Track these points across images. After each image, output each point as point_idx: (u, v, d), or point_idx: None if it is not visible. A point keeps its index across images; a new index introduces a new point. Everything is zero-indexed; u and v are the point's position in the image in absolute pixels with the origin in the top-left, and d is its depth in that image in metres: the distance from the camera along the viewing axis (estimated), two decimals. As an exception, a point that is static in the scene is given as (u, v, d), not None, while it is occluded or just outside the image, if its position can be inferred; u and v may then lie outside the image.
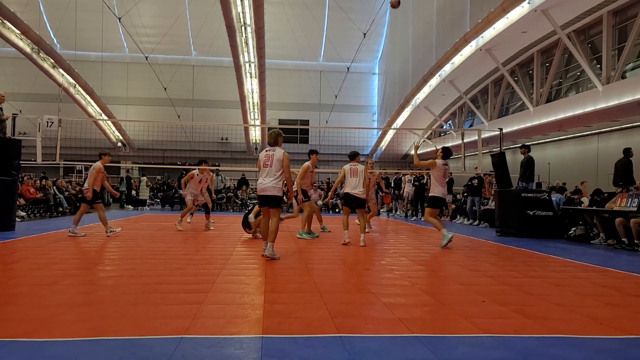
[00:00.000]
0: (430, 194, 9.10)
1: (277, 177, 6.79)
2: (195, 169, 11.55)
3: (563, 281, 5.61)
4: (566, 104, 18.59)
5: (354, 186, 8.84)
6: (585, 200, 12.26)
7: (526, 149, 12.20)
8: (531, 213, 11.15)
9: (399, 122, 31.90)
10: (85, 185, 9.58)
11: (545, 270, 6.40)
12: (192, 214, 12.94)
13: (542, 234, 10.93)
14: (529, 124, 20.83)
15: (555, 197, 12.05)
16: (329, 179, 27.70)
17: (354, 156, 9.26)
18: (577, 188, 13.63)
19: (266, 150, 6.96)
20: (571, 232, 10.72)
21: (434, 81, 26.21)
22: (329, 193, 14.62)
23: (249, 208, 9.86)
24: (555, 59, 20.07)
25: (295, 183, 9.44)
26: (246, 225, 9.48)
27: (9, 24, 24.89)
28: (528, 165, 11.98)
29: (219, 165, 31.25)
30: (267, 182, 6.74)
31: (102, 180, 9.73)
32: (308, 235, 9.79)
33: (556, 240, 10.57)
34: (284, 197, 7.86)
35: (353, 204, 8.91)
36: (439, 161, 8.79)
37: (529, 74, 22.77)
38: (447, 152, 9.04)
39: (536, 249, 8.81)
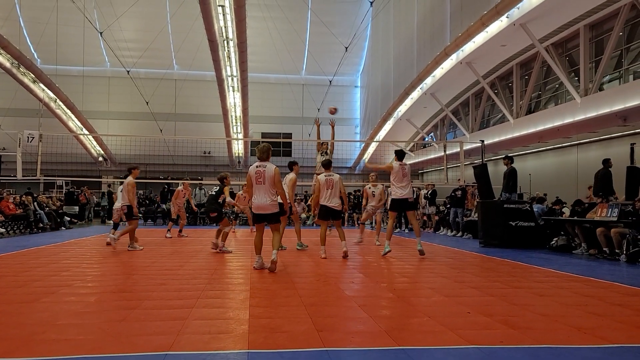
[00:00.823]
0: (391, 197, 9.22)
1: (273, 194, 6.80)
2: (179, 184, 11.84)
3: (547, 291, 5.66)
4: (545, 115, 18.90)
5: (330, 198, 8.68)
6: (567, 211, 12.43)
7: (509, 160, 12.35)
8: (513, 224, 11.25)
9: (381, 134, 32.11)
10: (123, 202, 9.94)
11: (529, 281, 6.46)
12: (169, 229, 13.78)
13: (524, 245, 11.03)
14: (509, 136, 21.12)
15: (536, 207, 12.19)
16: (306, 192, 27.69)
17: (327, 165, 9.17)
18: (558, 199, 13.82)
19: (257, 166, 6.83)
20: (553, 242, 10.84)
21: (415, 94, 26.47)
22: (312, 208, 13.80)
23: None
24: (534, 72, 20.44)
25: (288, 197, 9.18)
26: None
27: (-13, 38, 24.58)
28: (511, 176, 12.12)
29: (202, 179, 31.12)
30: (265, 201, 6.74)
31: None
32: (301, 246, 9.89)
33: (539, 250, 10.68)
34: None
35: (329, 216, 8.79)
36: (395, 163, 8.95)
37: (508, 86, 23.13)
38: (400, 154, 9.21)
39: (519, 259, 8.89)
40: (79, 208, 21.46)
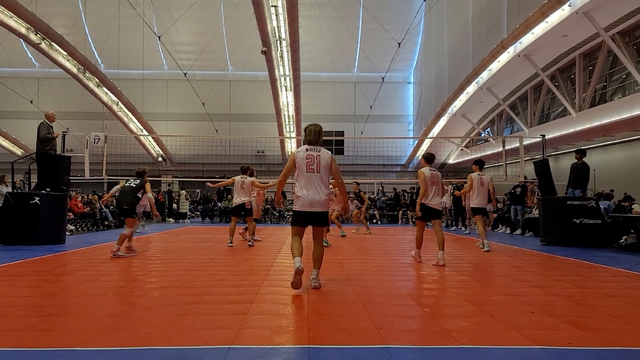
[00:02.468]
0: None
1: (328, 188, 5.39)
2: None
3: (616, 292, 5.40)
4: (612, 108, 17.99)
5: (433, 196, 7.57)
6: (637, 207, 11.79)
7: (582, 154, 11.69)
8: (578, 221, 10.79)
9: (435, 131, 31.55)
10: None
11: (597, 281, 6.18)
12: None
13: (590, 243, 10.55)
14: (571, 130, 20.26)
15: (603, 204, 11.63)
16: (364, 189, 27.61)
17: (430, 159, 7.86)
18: (626, 195, 13.13)
19: (307, 150, 5.36)
20: (622, 240, 10.30)
21: (471, 89, 25.85)
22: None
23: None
24: (599, 62, 19.49)
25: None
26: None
27: (56, 46, 26.00)
28: (584, 172, 11.49)
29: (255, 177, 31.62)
30: (319, 196, 5.27)
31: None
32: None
33: (605, 249, 10.18)
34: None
35: (431, 217, 7.70)
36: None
37: (570, 78, 22.17)
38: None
39: (585, 258, 8.52)
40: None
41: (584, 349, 3.32)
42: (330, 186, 5.65)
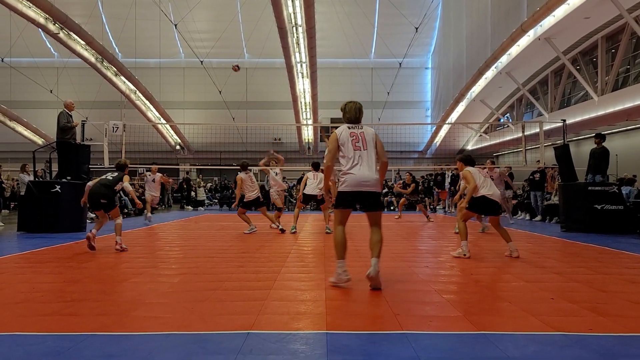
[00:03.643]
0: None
1: (377, 166, 4.86)
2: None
3: (639, 278, 5.31)
4: (635, 91, 17.58)
5: (490, 186, 7.21)
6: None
7: (601, 138, 11.49)
8: (599, 207, 10.62)
9: (453, 116, 31.21)
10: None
11: (619, 267, 6.09)
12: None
13: (611, 229, 10.40)
14: (593, 115, 19.88)
15: (625, 189, 11.42)
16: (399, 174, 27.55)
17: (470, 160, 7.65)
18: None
19: (349, 128, 4.88)
20: (644, 226, 10.14)
21: (490, 73, 25.47)
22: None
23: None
24: (622, 45, 19.03)
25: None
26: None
27: (75, 35, 26.23)
28: (603, 157, 11.31)
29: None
30: (370, 174, 4.70)
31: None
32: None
33: (628, 235, 10.03)
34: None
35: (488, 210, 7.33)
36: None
37: (592, 61, 21.71)
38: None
39: (606, 244, 8.40)
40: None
41: (605, 335, 3.28)
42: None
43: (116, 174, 8.01)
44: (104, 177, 7.98)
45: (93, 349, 2.97)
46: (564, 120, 12.45)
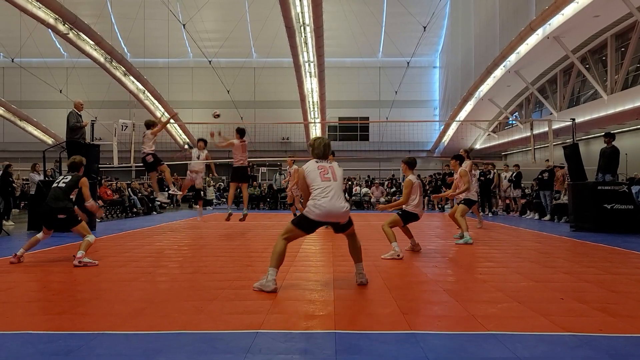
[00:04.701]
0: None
1: (344, 197, 4.92)
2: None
3: (649, 278, 5.28)
4: (645, 90, 17.45)
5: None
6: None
7: (611, 137, 11.40)
8: (609, 207, 10.54)
9: (461, 115, 31.06)
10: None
11: (629, 267, 6.04)
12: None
13: (621, 229, 10.30)
14: (602, 113, 19.72)
15: (634, 189, 11.33)
16: (393, 175, 27.50)
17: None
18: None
19: (317, 162, 4.89)
20: (655, 226, 10.05)
21: (498, 72, 25.33)
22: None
23: None
24: (632, 43, 18.86)
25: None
26: None
27: (84, 35, 26.40)
28: (613, 156, 11.23)
29: (280, 165, 31.79)
30: (340, 205, 4.67)
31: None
32: None
33: (638, 235, 9.94)
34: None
35: None
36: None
37: (601, 60, 21.54)
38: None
39: (616, 244, 8.33)
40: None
41: (615, 335, 3.27)
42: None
43: (69, 177, 6.51)
44: (54, 184, 6.51)
45: (104, 347, 3.00)
46: (573, 119, 12.37)
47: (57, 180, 6.54)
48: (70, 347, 2.98)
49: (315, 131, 35.12)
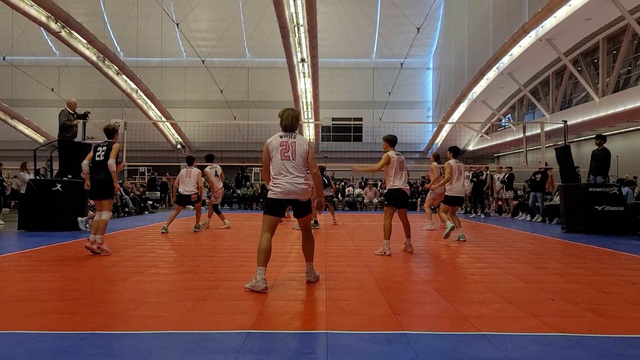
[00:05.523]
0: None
1: (305, 175, 4.91)
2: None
3: None
4: (636, 93, 17.59)
5: None
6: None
7: (602, 139, 11.50)
8: (600, 208, 10.61)
9: (455, 117, 31.22)
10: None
11: (619, 268, 6.08)
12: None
13: (612, 231, 10.38)
14: (594, 116, 19.89)
15: (624, 190, 11.41)
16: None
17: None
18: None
19: (281, 137, 4.94)
20: (645, 228, 10.13)
21: (491, 74, 25.48)
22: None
23: None
24: (623, 46, 19.02)
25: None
26: None
27: (76, 34, 26.28)
28: (604, 158, 11.31)
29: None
30: (295, 183, 4.76)
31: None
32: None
33: (628, 237, 10.02)
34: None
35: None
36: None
37: (593, 63, 21.71)
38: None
39: (607, 245, 8.39)
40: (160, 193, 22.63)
41: (605, 336, 3.28)
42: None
43: (106, 146, 6.86)
44: (96, 155, 6.89)
45: (94, 347, 2.97)
46: (565, 122, 12.45)
47: (98, 153, 6.89)
48: (59, 347, 2.96)
49: (309, 131, 35.13)
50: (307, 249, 5.07)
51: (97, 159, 6.86)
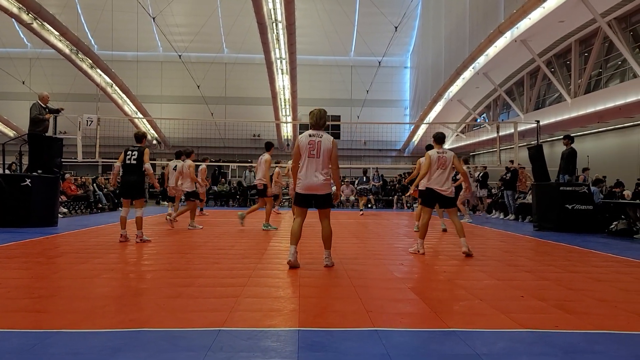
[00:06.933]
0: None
1: (328, 172, 5.60)
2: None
3: (605, 276, 5.45)
4: (607, 94, 17.99)
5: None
6: (629, 193, 11.86)
7: (569, 140, 11.76)
8: (570, 207, 10.84)
9: (431, 116, 31.50)
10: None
11: (586, 265, 6.23)
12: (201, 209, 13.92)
13: (581, 229, 10.61)
14: (566, 116, 20.27)
15: (594, 189, 11.68)
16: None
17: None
18: (618, 181, 13.19)
19: (310, 136, 5.59)
20: (612, 226, 10.38)
21: (467, 74, 25.76)
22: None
23: None
24: (595, 49, 19.43)
25: (264, 176, 9.96)
26: None
27: (48, 25, 25.68)
28: (570, 157, 11.58)
29: (251, 162, 31.63)
30: (318, 179, 5.51)
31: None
32: (269, 227, 10.19)
33: (596, 235, 10.26)
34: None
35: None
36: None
37: (566, 64, 22.13)
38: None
39: (576, 243, 8.58)
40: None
41: (570, 332, 3.35)
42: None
43: (137, 151, 7.69)
44: (127, 158, 7.66)
45: (59, 346, 2.91)
46: (538, 122, 12.67)
47: (129, 154, 7.69)
48: (24, 345, 2.89)
49: (287, 128, 35.03)
50: (326, 238, 5.74)
51: (127, 162, 7.64)
